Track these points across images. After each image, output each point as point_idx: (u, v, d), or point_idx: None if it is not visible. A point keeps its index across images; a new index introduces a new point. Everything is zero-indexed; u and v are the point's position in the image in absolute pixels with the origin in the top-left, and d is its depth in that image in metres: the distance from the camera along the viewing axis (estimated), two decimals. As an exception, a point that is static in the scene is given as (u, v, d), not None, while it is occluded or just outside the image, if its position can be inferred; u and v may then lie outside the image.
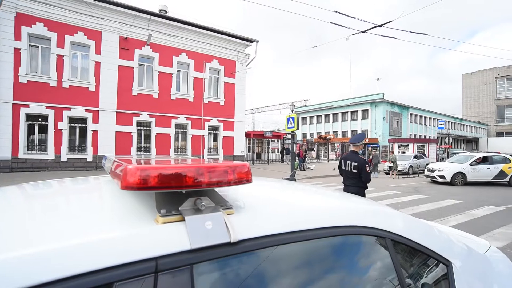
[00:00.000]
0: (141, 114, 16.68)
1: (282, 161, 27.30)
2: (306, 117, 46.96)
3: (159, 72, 17.21)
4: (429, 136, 38.88)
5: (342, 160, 4.50)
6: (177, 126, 18.18)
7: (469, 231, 5.16)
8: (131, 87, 16.30)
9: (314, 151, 38.90)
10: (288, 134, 17.61)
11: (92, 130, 15.21)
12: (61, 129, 14.44)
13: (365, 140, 4.48)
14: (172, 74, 17.64)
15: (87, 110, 15.03)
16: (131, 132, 16.39)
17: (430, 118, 42.51)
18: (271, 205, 1.00)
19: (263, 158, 26.81)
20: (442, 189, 10.96)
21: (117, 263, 0.58)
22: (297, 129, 14.27)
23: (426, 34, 8.88)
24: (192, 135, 18.60)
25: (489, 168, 12.54)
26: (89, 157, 15.12)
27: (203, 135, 19.06)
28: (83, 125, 15.18)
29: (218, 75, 19.90)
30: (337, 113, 41.41)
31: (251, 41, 20.23)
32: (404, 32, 9.01)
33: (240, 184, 0.77)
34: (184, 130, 18.51)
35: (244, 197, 1.04)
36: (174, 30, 17.45)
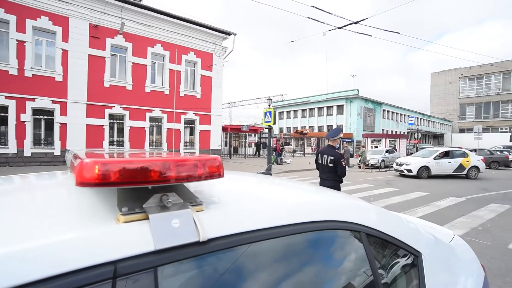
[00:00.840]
0: (114, 106, 15.97)
1: (258, 155, 27.42)
2: (283, 112, 47.32)
3: (132, 63, 16.51)
4: (400, 132, 40.64)
5: (319, 154, 4.55)
6: (152, 119, 17.63)
7: (435, 221, 5.45)
8: (103, 78, 15.51)
9: (291, 145, 39.38)
10: (265, 128, 17.65)
11: (60, 123, 14.33)
12: (24, 121, 13.47)
13: (341, 135, 4.54)
14: (146, 65, 17.00)
15: (54, 102, 14.11)
16: (103, 125, 15.66)
17: (401, 114, 44.40)
18: (244, 200, 0.97)
19: (240, 153, 26.75)
20: (410, 182, 11.52)
21: (65, 270, 0.51)
22: (274, 123, 14.35)
23: (399, 33, 9.19)
24: (168, 128, 18.13)
25: (450, 162, 13.35)
26: (56, 151, 14.28)
27: (179, 129, 18.64)
28: (50, 117, 14.26)
29: (194, 67, 19.46)
30: (314, 108, 42.09)
31: (228, 33, 19.93)
32: (378, 30, 9.26)
33: (211, 179, 0.73)
34: (160, 124, 17.99)
35: (216, 193, 0.99)
36: (149, 20, 16.77)
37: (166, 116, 17.92)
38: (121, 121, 16.53)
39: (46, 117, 14.17)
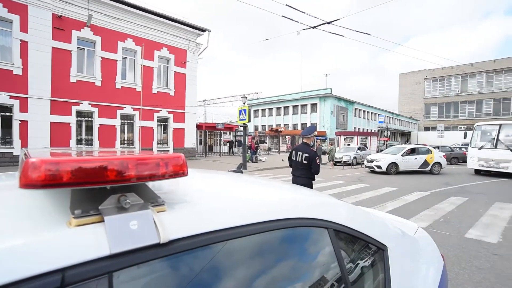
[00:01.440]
0: (82, 103, 15.16)
1: (231, 152, 27.38)
2: (258, 110, 47.51)
3: (102, 58, 15.76)
4: (371, 130, 42.31)
5: (293, 151, 4.57)
6: (124, 117, 16.96)
7: (403, 215, 5.73)
8: (69, 73, 14.65)
9: (266, 143, 39.66)
10: (240, 126, 17.62)
11: (20, 120, 13.35)
12: (-22, 118, 12.42)
13: (315, 133, 4.61)
14: (117, 60, 16.30)
15: (12, 97, 13.08)
16: (69, 123, 14.82)
17: (372, 113, 46.24)
18: (212, 199, 0.95)
19: (215, 151, 26.51)
20: (380, 178, 12.04)
21: (4, 282, 0.46)
22: (249, 121, 14.37)
23: (369, 34, 9.54)
24: (140, 126, 17.53)
25: (416, 159, 14.17)
26: (16, 150, 13.29)
27: (152, 127, 18.11)
28: (8, 114, 13.25)
29: (168, 64, 18.97)
30: (288, 106, 42.67)
31: (203, 30, 19.62)
32: (351, 31, 9.54)
33: (174, 178, 0.70)
34: (131, 122, 17.35)
35: (181, 192, 0.96)
36: (119, 13, 16.07)
37: (138, 114, 17.32)
38: (89, 119, 15.74)
39: (3, 113, 13.14)
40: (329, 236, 1.00)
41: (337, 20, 8.26)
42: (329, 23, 8.44)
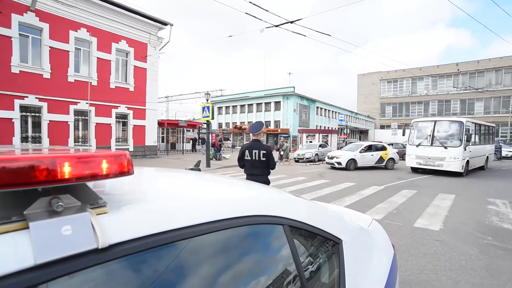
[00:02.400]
0: (27, 97, 13.77)
1: (194, 150, 26.93)
2: (222, 107, 47.16)
3: (50, 47, 14.42)
4: (332, 127, 44.18)
5: (246, 151, 4.32)
6: (77, 113, 15.76)
7: (360, 208, 6.05)
8: (10, 62, 13.18)
9: (230, 140, 39.57)
10: (204, 123, 17.33)
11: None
12: None
13: (263, 129, 4.45)
14: (68, 51, 15.06)
15: None
16: (12, 119, 13.39)
17: (333, 111, 48.25)
18: (164, 198, 0.90)
19: (178, 148, 25.81)
20: (340, 174, 12.62)
21: None
22: (212, 118, 14.20)
23: (330, 35, 9.90)
24: (97, 123, 16.45)
25: (372, 155, 15.09)
26: None
27: (110, 124, 17.08)
28: None
29: (127, 57, 17.98)
30: (252, 104, 42.91)
31: (164, 23, 18.90)
32: (313, 32, 9.80)
33: (118, 177, 0.64)
34: (86, 118, 16.17)
35: (129, 192, 0.90)
36: (70, -1, 14.82)
37: (94, 110, 16.21)
38: (37, 114, 14.38)
39: None
40: (284, 232, 1.00)
41: (299, 19, 8.45)
42: (292, 22, 8.60)
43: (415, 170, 13.51)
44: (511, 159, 23.67)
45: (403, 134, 15.31)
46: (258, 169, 4.35)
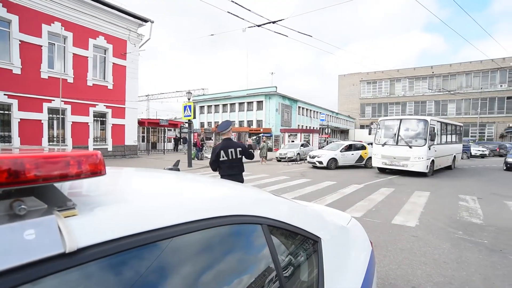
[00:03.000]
0: (-5, 93, 13.01)
1: (176, 150, 26.57)
2: (204, 106, 46.74)
3: (21, 41, 13.66)
4: (313, 127, 44.87)
5: (222, 151, 4.13)
6: (52, 111, 15.06)
7: (341, 206, 6.18)
8: (-25, 57, 12.42)
9: (212, 140, 39.24)
10: (185, 122, 17.08)
11: None
12: None
13: (231, 127, 4.30)
14: (41, 46, 14.35)
15: None
16: (-23, 117, 12.62)
17: (314, 111, 49.00)
18: (140, 198, 0.88)
19: (159, 148, 25.32)
20: (321, 173, 12.83)
21: None
22: (194, 117, 14.04)
23: (311, 36, 10.05)
24: (73, 122, 15.82)
25: (353, 154, 15.48)
26: None
27: (87, 123, 16.48)
28: None
29: (105, 54, 17.40)
30: (235, 103, 42.80)
31: (145, 20, 18.44)
32: (294, 32, 9.92)
33: (89, 177, 0.62)
34: (62, 116, 15.48)
35: (102, 193, 0.87)
36: (43, -8, 14.13)
37: (70, 108, 15.58)
38: (6, 112, 13.61)
39: None
40: (263, 232, 1.00)
41: (281, 20, 8.53)
42: (273, 22, 8.66)
43: (382, 170, 13.17)
44: (480, 157, 25.01)
45: (369, 133, 15.13)
46: (235, 168, 4.22)
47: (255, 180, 10.45)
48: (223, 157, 4.10)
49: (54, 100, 14.78)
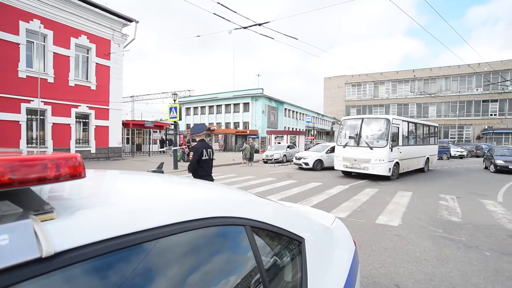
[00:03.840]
0: (-31, 93, 12.43)
1: (163, 151, 26.23)
2: (190, 108, 46.37)
3: (-4, 38, 13.13)
4: (299, 129, 45.25)
5: (204, 150, 4.39)
6: (31, 111, 14.52)
7: (326, 207, 6.25)
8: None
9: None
10: (171, 124, 16.88)
11: None
12: None
13: (205, 130, 4.68)
14: (19, 44, 13.82)
15: None
16: (-50, 118, 12.01)
17: (300, 113, 49.47)
18: (122, 201, 0.87)
19: (144, 150, 24.88)
20: (307, 174, 12.96)
21: None
22: (180, 119, 13.93)
23: (297, 39, 10.16)
24: (54, 123, 15.30)
25: None
26: None
27: (69, 124, 15.99)
28: None
29: (88, 54, 16.96)
30: (221, 105, 42.70)
31: (129, 20, 18.12)
32: (280, 35, 10.00)
33: (68, 180, 0.61)
34: (42, 117, 14.97)
35: (87, 196, 0.86)
36: (21, -12, 13.62)
37: (51, 109, 15.08)
38: (-19, 113, 13.04)
39: None
40: (246, 233, 1.00)
41: (267, 22, 8.58)
42: (260, 24, 8.71)
43: (346, 174, 12.37)
44: (458, 158, 25.95)
45: (332, 134, 15.02)
46: (209, 167, 4.59)
47: (242, 182, 10.44)
48: (205, 156, 4.42)
49: (33, 101, 14.25)
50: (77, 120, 16.54)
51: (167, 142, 26.33)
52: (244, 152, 17.88)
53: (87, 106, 16.71)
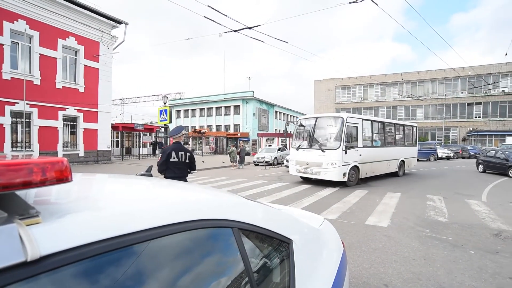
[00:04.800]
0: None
1: (154, 155, 25.99)
2: (180, 110, 46.12)
3: (-21, 40, 12.80)
4: (290, 131, 45.50)
5: (173, 152, 4.44)
6: (16, 114, 14.17)
7: (317, 209, 6.29)
8: None
9: (189, 144, 38.74)
10: (162, 127, 16.77)
11: None
12: None
13: (183, 132, 4.72)
14: (3, 45, 13.51)
15: None
16: None
17: (291, 115, 49.80)
18: (110, 204, 0.87)
19: (133, 153, 24.56)
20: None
21: None
22: (171, 122, 13.82)
23: (287, 42, 10.26)
24: (40, 126, 14.97)
25: None
26: None
27: (57, 127, 15.66)
28: None
29: (76, 56, 16.69)
30: (212, 108, 42.62)
31: (119, 22, 17.94)
32: (271, 38, 10.05)
33: (55, 184, 0.61)
34: (28, 120, 14.61)
35: (74, 200, 0.86)
36: (6, -12, 13.34)
37: (37, 111, 14.74)
38: (-37, 116, 12.65)
39: None
40: (233, 235, 1.01)
41: (257, 26, 8.65)
42: (250, 28, 8.77)
43: (305, 180, 11.30)
44: (445, 159, 26.54)
45: (284, 135, 13.20)
46: (181, 171, 4.57)
47: (233, 185, 10.42)
48: (173, 158, 4.42)
49: (18, 103, 13.92)
50: (65, 123, 16.22)
51: (158, 145, 26.12)
52: (232, 155, 17.94)
53: (75, 109, 16.41)
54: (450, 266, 3.51)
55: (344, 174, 9.61)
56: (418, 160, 23.54)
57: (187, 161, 4.50)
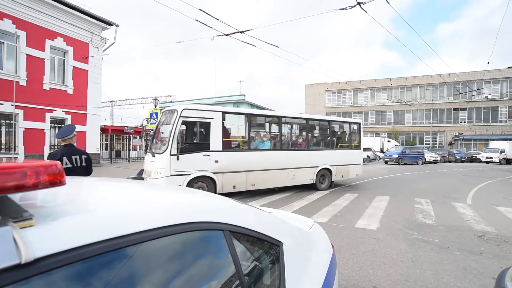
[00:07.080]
0: None
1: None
2: (172, 113, 45.66)
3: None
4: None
5: (65, 157, 3.66)
6: (1, 116, 13.80)
7: (308, 212, 6.33)
8: None
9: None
10: (152, 130, 16.62)
11: None
12: None
13: (75, 133, 3.82)
14: (-12, 45, 13.18)
15: None
16: None
17: (282, 119, 49.88)
18: (102, 207, 0.87)
19: (123, 156, 24.21)
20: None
21: None
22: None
23: (278, 47, 10.36)
24: (26, 128, 14.59)
25: None
26: None
27: (43, 129, 15.31)
28: None
29: (65, 57, 16.40)
30: (204, 111, 42.33)
31: (109, 23, 17.75)
32: (262, 42, 10.15)
33: (48, 188, 0.62)
34: (13, 122, 14.24)
35: (66, 203, 0.86)
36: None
37: (23, 113, 14.39)
38: None
39: None
40: (225, 237, 1.03)
41: (249, 30, 8.72)
42: (241, 32, 8.83)
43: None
44: (433, 163, 27.11)
45: (141, 136, 9.59)
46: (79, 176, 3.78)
47: (224, 188, 10.36)
48: (66, 164, 3.64)
49: (2, 104, 13.56)
50: (52, 125, 15.88)
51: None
52: None
53: (63, 111, 16.10)
54: (437, 267, 3.60)
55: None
56: (406, 164, 24.29)
57: (83, 164, 3.75)
